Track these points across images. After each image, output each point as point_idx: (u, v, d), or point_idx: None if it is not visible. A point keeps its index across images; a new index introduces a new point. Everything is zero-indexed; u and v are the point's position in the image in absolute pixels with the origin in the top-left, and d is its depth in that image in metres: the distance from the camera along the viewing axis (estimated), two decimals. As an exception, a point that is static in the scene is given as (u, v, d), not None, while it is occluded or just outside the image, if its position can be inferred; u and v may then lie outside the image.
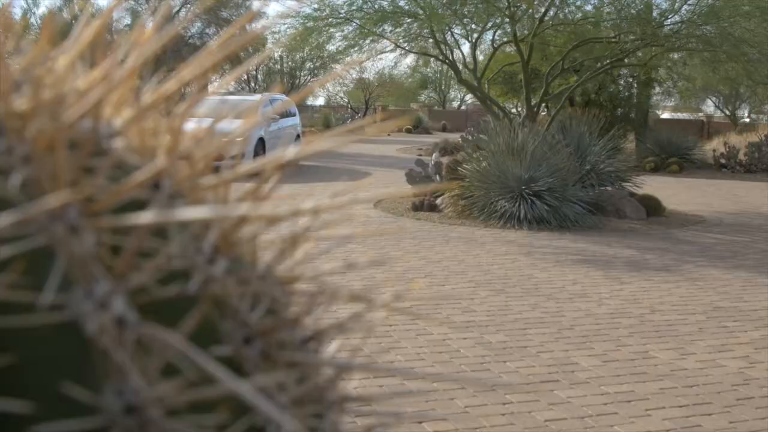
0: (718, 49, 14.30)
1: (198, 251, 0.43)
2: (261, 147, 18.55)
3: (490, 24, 15.57)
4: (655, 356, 5.97)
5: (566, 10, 15.48)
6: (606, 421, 4.67)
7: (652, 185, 15.72)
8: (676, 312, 7.33)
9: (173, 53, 31.15)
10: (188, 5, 32.49)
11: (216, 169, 0.50)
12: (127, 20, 33.23)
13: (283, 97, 22.69)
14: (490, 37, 16.82)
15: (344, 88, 54.71)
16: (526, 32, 15.16)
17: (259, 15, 34.14)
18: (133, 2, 32.60)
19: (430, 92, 63.22)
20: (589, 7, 15.82)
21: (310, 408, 0.46)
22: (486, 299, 7.54)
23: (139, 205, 0.45)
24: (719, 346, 6.29)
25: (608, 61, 16.11)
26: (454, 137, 26.08)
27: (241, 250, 0.47)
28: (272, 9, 74.01)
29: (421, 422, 4.51)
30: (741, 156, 24.09)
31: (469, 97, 51.55)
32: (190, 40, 32.88)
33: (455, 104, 64.40)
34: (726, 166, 24.11)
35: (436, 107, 59.55)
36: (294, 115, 23.07)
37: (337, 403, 0.49)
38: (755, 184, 20.80)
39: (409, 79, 58.05)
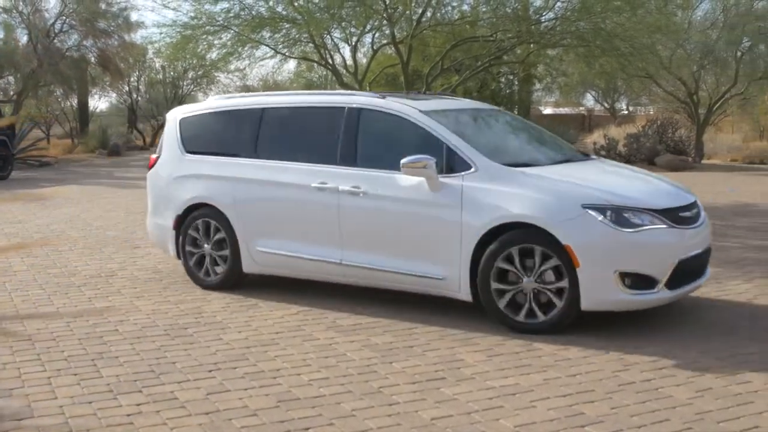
0: (591, 44, 14.63)
1: None
2: None
3: (368, 27, 15.58)
4: (539, 348, 6.05)
5: (443, 11, 15.62)
6: (492, 415, 4.70)
7: (535, 180, 15.93)
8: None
9: (50, 66, 30.29)
10: (63, 17, 31.63)
11: None
12: (0, 33, 32.21)
13: None
14: (370, 40, 16.85)
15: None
16: (405, 33, 15.23)
17: (137, 26, 33.51)
18: (6, 16, 31.57)
19: (317, 97, 62.85)
20: (466, 7, 15.99)
21: None
22: (373, 301, 7.51)
23: None
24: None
25: (487, 59, 16.33)
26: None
27: None
28: (150, 19, 72.62)
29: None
30: (620, 147, 24.74)
31: (355, 101, 51.41)
32: (67, 53, 32.01)
33: (342, 108, 64.21)
34: (606, 158, 24.72)
35: (323, 112, 59.20)
36: None
37: None
38: (635, 174, 21.34)
39: (294, 85, 57.73)
